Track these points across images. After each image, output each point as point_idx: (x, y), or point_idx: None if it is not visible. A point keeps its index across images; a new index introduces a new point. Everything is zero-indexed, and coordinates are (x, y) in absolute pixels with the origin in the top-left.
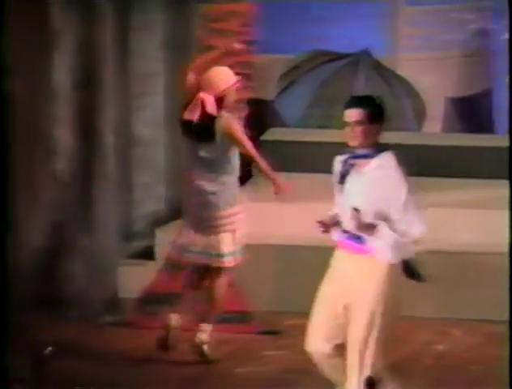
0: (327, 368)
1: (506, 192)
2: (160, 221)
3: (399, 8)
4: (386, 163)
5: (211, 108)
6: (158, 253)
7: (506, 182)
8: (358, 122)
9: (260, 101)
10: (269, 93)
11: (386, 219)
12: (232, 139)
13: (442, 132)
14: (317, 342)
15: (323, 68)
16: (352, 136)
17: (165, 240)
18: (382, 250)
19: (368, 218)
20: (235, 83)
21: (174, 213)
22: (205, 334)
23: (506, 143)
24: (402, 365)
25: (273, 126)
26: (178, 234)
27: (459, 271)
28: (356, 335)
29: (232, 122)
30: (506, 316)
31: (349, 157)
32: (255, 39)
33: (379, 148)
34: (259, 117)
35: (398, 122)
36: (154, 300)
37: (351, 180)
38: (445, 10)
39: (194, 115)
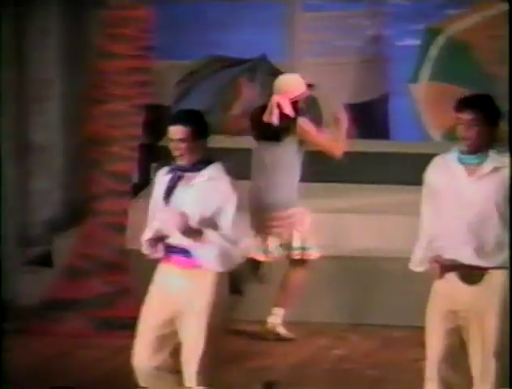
0: (154, 382)
1: (402, 197)
2: (58, 227)
3: (297, 14)
4: (214, 174)
5: (289, 110)
6: (56, 259)
7: (402, 187)
8: (182, 140)
9: (158, 107)
10: (167, 99)
11: (214, 228)
12: (307, 139)
13: None
14: (143, 357)
15: (220, 74)
16: (177, 153)
17: (63, 246)
18: (209, 258)
19: (195, 226)
20: (306, 91)
21: (72, 219)
22: (278, 317)
23: (403, 149)
24: (299, 370)
25: None
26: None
27: (356, 276)
28: (188, 348)
29: (307, 123)
30: (403, 321)
31: (176, 169)
32: (153, 45)
33: (207, 160)
34: (157, 122)
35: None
36: (54, 306)
37: (178, 192)
38: (341, 16)
39: (273, 117)
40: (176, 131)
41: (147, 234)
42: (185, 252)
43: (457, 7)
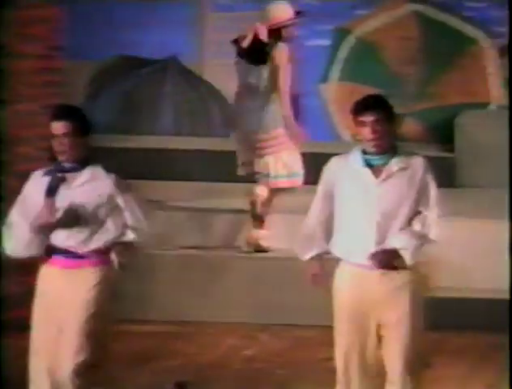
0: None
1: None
2: None
3: (207, 14)
4: (96, 175)
5: (263, 35)
6: None
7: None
8: (65, 135)
9: None
10: (77, 99)
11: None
12: (277, 66)
13: None
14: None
15: (131, 74)
16: (60, 149)
17: None
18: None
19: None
20: (291, 19)
21: None
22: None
23: (314, 149)
24: (210, 370)
25: None
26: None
27: (266, 275)
28: (65, 346)
29: (283, 51)
30: (312, 320)
31: (55, 171)
32: (62, 44)
33: (87, 161)
34: None
35: (206, 128)
36: None
37: (61, 194)
38: (251, 16)
39: (245, 42)
40: (59, 127)
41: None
42: (67, 253)
43: (365, 8)
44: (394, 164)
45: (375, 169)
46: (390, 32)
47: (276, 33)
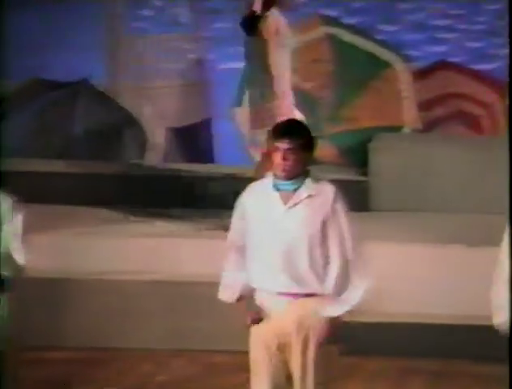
0: None
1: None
2: None
3: (119, 36)
4: None
5: (257, 6)
6: None
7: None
8: None
9: None
10: None
11: None
12: (264, 39)
13: (163, 161)
14: None
15: (42, 97)
16: None
17: None
18: None
19: None
20: None
21: None
22: None
23: (228, 172)
24: None
25: None
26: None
27: (180, 301)
28: None
29: (272, 21)
30: (226, 346)
31: None
32: None
33: None
34: None
35: (119, 152)
36: None
37: None
38: (164, 39)
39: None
40: None
41: None
42: None
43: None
44: (304, 190)
45: (285, 194)
46: (304, 55)
47: (270, 2)
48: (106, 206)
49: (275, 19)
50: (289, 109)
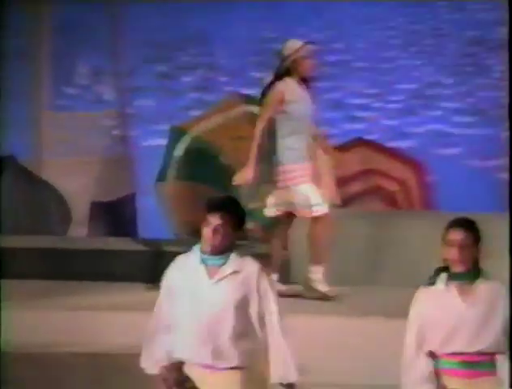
0: None
1: (153, 294)
2: None
3: (43, 112)
4: None
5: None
6: None
7: (153, 285)
8: None
9: None
10: None
11: None
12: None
13: (87, 236)
14: None
15: None
16: None
17: None
18: None
19: None
20: (299, 50)
21: None
22: (317, 274)
23: (152, 247)
24: None
25: None
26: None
27: (105, 373)
28: None
29: (274, 90)
30: None
31: None
32: None
33: None
34: None
35: (43, 227)
36: None
37: None
38: (88, 116)
39: None
40: None
41: None
42: None
43: (200, 109)
44: (229, 266)
45: (211, 269)
46: (225, 132)
47: (287, 71)
48: (31, 279)
49: (277, 88)
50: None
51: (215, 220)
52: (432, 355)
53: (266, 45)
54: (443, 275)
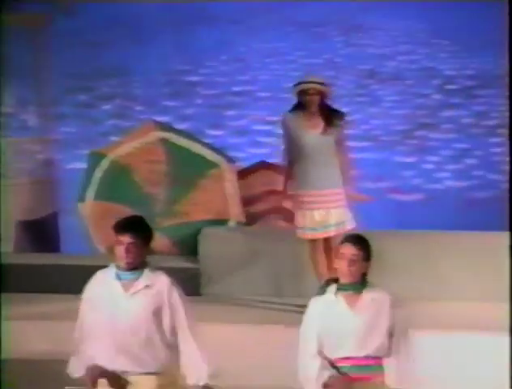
0: None
1: (72, 304)
2: None
3: None
4: None
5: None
6: None
7: (73, 296)
8: None
9: None
10: None
11: None
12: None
13: (14, 251)
14: None
15: None
16: None
17: None
18: None
19: None
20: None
21: None
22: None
23: (72, 261)
24: None
25: None
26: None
27: (33, 379)
28: None
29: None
30: None
31: None
32: None
33: None
34: None
35: None
36: None
37: None
38: (13, 142)
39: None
40: None
41: None
42: None
43: (119, 134)
44: (142, 280)
45: (126, 283)
46: (140, 156)
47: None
48: None
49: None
50: None
51: (126, 239)
52: (330, 362)
53: (177, 77)
54: (333, 286)
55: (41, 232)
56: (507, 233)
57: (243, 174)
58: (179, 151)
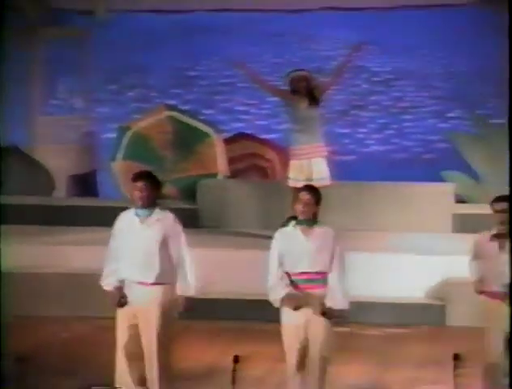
0: None
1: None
2: None
3: (36, 117)
4: None
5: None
6: None
7: None
8: None
9: None
10: None
11: None
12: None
13: (66, 196)
14: None
15: None
16: None
17: None
18: None
19: None
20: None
21: None
22: None
23: (108, 204)
24: None
25: None
26: None
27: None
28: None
29: None
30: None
31: None
32: None
33: None
34: None
35: (36, 191)
36: None
37: None
38: (66, 119)
39: None
40: None
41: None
42: None
43: (140, 113)
44: (154, 216)
45: (142, 218)
46: (155, 129)
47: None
48: (28, 224)
49: None
50: None
51: (139, 184)
52: (288, 275)
53: (181, 72)
54: (292, 222)
55: (85, 183)
56: (417, 183)
57: (227, 142)
58: (182, 125)
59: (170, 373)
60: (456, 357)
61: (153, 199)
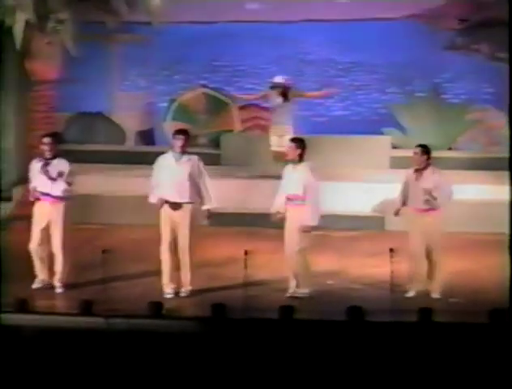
0: None
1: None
2: None
3: (115, 93)
4: None
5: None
6: None
7: None
8: None
9: None
10: None
11: None
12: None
13: (134, 145)
14: None
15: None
16: None
17: None
18: None
19: None
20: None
21: None
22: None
23: (161, 149)
24: None
25: None
26: None
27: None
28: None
29: None
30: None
31: None
32: None
33: None
34: None
35: (112, 141)
36: None
37: None
38: (134, 95)
39: None
40: None
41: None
42: None
43: (182, 90)
44: (185, 158)
45: (177, 159)
46: (192, 100)
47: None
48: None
49: None
50: None
51: (179, 137)
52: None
53: (211, 63)
54: (289, 164)
55: (146, 136)
56: (366, 136)
57: (240, 109)
58: (210, 97)
59: (195, 260)
60: (391, 250)
61: (186, 147)
